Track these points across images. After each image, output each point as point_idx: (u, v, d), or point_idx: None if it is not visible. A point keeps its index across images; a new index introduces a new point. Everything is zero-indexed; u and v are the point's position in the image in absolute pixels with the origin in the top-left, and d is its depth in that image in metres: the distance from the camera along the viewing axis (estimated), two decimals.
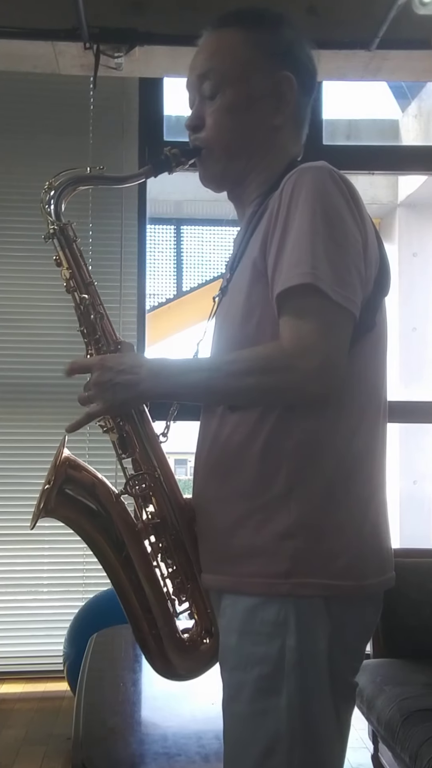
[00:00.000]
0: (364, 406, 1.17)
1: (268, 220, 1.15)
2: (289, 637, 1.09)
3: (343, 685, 1.14)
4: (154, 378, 1.17)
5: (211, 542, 1.22)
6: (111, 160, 3.68)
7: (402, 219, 5.28)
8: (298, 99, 1.27)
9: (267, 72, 1.24)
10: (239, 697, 1.12)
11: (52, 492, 1.29)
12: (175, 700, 1.89)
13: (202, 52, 1.28)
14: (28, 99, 3.75)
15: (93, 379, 1.18)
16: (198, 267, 5.78)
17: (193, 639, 1.34)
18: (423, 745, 1.99)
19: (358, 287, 1.11)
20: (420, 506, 4.95)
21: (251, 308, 1.17)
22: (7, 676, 3.57)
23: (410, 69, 3.52)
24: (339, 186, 1.12)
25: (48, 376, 3.67)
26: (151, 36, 3.29)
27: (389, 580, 1.19)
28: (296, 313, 1.09)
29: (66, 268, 1.33)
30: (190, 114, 1.30)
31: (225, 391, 1.15)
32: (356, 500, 1.15)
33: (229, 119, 1.25)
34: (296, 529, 1.11)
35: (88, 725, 1.78)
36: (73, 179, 1.31)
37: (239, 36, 1.25)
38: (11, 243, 3.74)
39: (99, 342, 1.30)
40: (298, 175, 1.13)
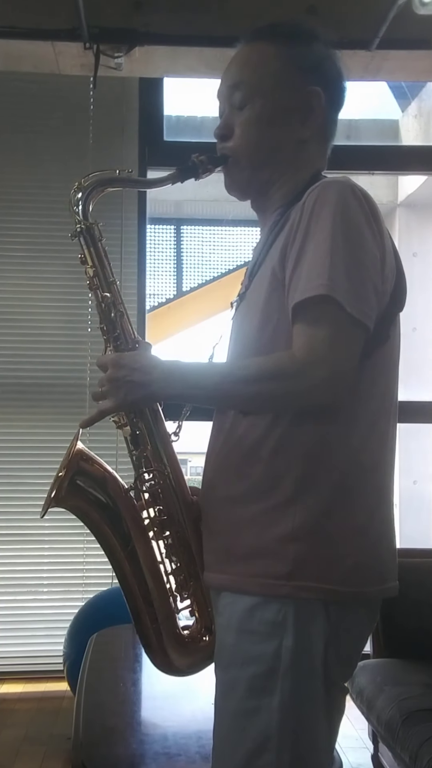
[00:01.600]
0: (375, 416, 1.19)
1: (289, 231, 1.17)
2: (286, 637, 1.10)
3: (336, 689, 1.15)
4: (166, 379, 1.18)
5: (216, 541, 1.23)
6: (111, 160, 3.67)
7: (402, 219, 5.28)
8: (326, 114, 1.29)
9: (297, 86, 1.26)
10: (232, 694, 1.13)
11: (64, 482, 1.32)
12: (175, 700, 1.89)
13: (234, 63, 1.31)
14: (28, 99, 3.75)
15: (107, 375, 1.20)
16: (198, 267, 5.78)
17: (193, 635, 1.37)
18: (423, 745, 1.99)
19: (374, 301, 1.13)
20: (420, 506, 4.94)
21: (268, 316, 1.18)
22: (7, 676, 3.58)
23: (410, 69, 3.52)
24: (360, 202, 1.14)
25: (48, 376, 3.67)
26: (151, 36, 3.28)
27: (390, 589, 1.20)
28: (310, 322, 1.11)
29: (90, 266, 1.36)
30: (219, 123, 1.32)
31: (234, 396, 1.17)
32: (362, 508, 1.16)
33: (256, 130, 1.27)
34: (301, 533, 1.12)
35: (88, 725, 1.78)
36: (103, 181, 1.34)
37: (271, 49, 1.28)
38: (12, 243, 3.74)
39: (118, 339, 1.33)
40: (320, 189, 1.15)
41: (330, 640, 1.12)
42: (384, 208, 5.30)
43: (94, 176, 1.33)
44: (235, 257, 5.72)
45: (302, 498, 1.13)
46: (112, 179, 1.35)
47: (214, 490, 1.24)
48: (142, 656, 2.39)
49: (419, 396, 4.73)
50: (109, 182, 1.35)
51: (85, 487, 1.35)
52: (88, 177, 1.33)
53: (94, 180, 1.33)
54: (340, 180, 1.17)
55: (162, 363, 1.20)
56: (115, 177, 1.35)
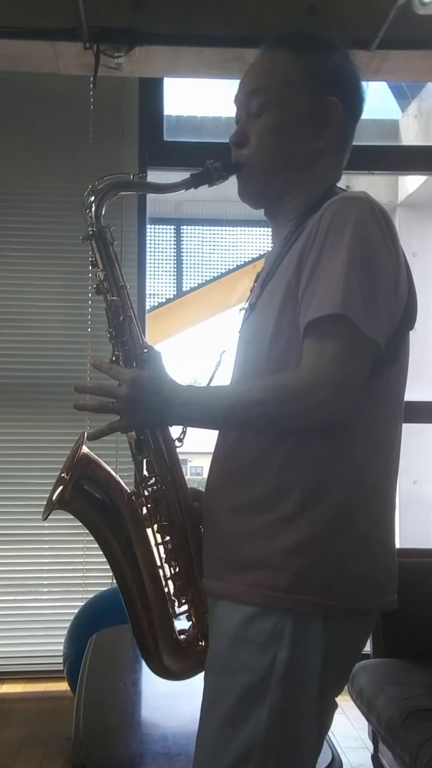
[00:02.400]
0: (382, 433, 1.20)
1: (305, 243, 1.16)
2: (281, 650, 1.10)
3: (328, 704, 1.15)
4: (182, 407, 1.18)
5: (218, 549, 1.22)
6: (111, 160, 3.67)
7: (402, 219, 5.27)
8: (342, 125, 1.28)
9: (314, 96, 1.26)
10: (222, 701, 1.13)
11: (68, 485, 1.32)
12: (175, 700, 1.89)
13: (252, 70, 1.30)
14: (28, 99, 3.75)
15: (124, 394, 1.18)
16: (198, 267, 5.77)
17: (189, 640, 1.37)
18: (423, 745, 1.99)
19: (386, 320, 1.13)
20: (420, 506, 4.94)
21: (281, 329, 1.18)
22: (7, 676, 3.57)
23: (410, 69, 3.51)
24: (378, 220, 1.14)
25: (48, 376, 3.67)
26: (151, 36, 3.28)
27: (389, 603, 1.20)
28: (320, 337, 1.10)
29: (101, 269, 1.35)
30: (235, 130, 1.31)
31: (243, 419, 1.16)
32: (365, 524, 1.16)
33: (272, 139, 1.26)
34: (304, 547, 1.12)
35: (88, 725, 1.78)
36: (116, 185, 1.34)
37: (290, 58, 1.27)
38: (12, 243, 3.73)
39: (126, 345, 1.32)
40: (339, 204, 1.15)
41: (327, 653, 1.12)
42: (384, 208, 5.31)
43: (108, 179, 1.33)
44: (235, 257, 5.72)
45: (308, 512, 1.13)
46: (126, 183, 1.35)
47: (218, 498, 1.24)
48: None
49: (419, 396, 4.73)
50: (123, 186, 1.35)
51: (89, 490, 1.35)
52: (102, 180, 1.33)
53: (108, 183, 1.32)
54: (360, 196, 1.16)
55: (179, 390, 1.19)
56: (129, 181, 1.36)
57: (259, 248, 5.59)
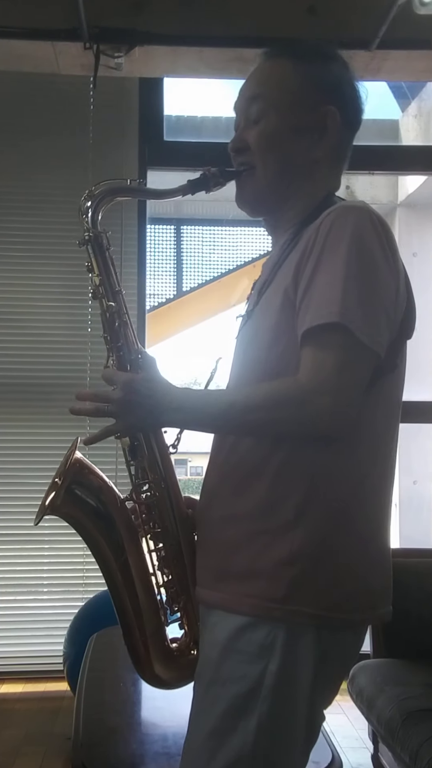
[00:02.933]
0: (378, 444, 1.19)
1: (303, 251, 1.16)
2: (272, 661, 1.10)
3: (316, 715, 1.15)
4: (177, 410, 1.18)
5: (211, 558, 1.22)
6: (111, 160, 3.68)
7: (402, 219, 5.27)
8: (340, 134, 1.28)
9: (313, 104, 1.26)
10: (211, 711, 1.12)
11: (60, 490, 1.31)
12: (175, 700, 1.88)
13: (252, 78, 1.31)
14: (28, 99, 3.75)
15: (118, 397, 1.18)
16: (198, 267, 5.77)
17: (181, 649, 1.36)
18: (423, 745, 1.99)
19: (385, 329, 1.12)
20: (420, 506, 4.94)
21: (278, 336, 1.17)
22: (7, 676, 3.57)
23: (410, 69, 3.51)
24: (377, 230, 1.13)
25: (48, 376, 3.67)
26: (151, 36, 3.28)
27: (383, 615, 1.20)
28: (319, 347, 1.10)
29: (96, 274, 1.35)
30: (234, 136, 1.31)
31: (241, 425, 1.16)
32: (361, 535, 1.16)
33: (271, 145, 1.27)
34: (299, 557, 1.11)
35: (88, 725, 1.78)
36: (113, 190, 1.33)
37: (290, 66, 1.28)
38: (12, 243, 3.74)
39: (121, 350, 1.31)
40: (338, 213, 1.15)
41: (317, 665, 1.11)
42: (384, 208, 5.30)
43: (105, 185, 1.32)
44: (235, 257, 5.72)
45: (303, 522, 1.12)
46: (123, 189, 1.35)
47: (213, 506, 1.23)
48: None
49: (419, 396, 4.73)
50: (120, 191, 1.34)
51: (81, 496, 1.33)
52: (98, 185, 1.32)
53: (105, 189, 1.32)
54: (359, 206, 1.16)
55: (174, 392, 1.19)
56: (126, 186, 1.35)
57: (259, 248, 5.59)
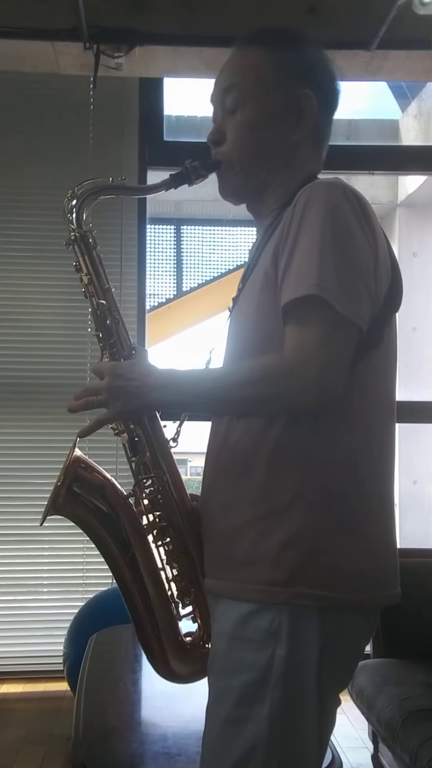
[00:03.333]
0: (372, 420, 1.18)
1: (281, 232, 1.17)
2: (279, 646, 1.10)
3: (329, 699, 1.14)
4: (162, 388, 1.18)
5: (215, 547, 1.23)
6: (111, 161, 3.68)
7: (402, 219, 5.27)
8: (318, 117, 1.29)
9: (287, 89, 1.27)
10: (223, 701, 1.13)
11: (61, 490, 1.32)
12: (175, 700, 1.89)
13: (226, 69, 1.31)
14: (28, 99, 3.75)
15: (104, 384, 1.20)
16: (198, 267, 5.78)
17: (195, 643, 1.36)
18: (423, 745, 1.99)
19: (366, 301, 1.12)
20: (420, 506, 4.95)
21: (261, 318, 1.18)
22: (7, 676, 3.57)
23: (410, 69, 3.51)
24: (351, 203, 1.14)
25: (48, 376, 3.67)
26: (151, 36, 3.28)
27: (391, 596, 1.19)
28: (300, 322, 1.10)
29: (85, 273, 1.35)
30: (212, 128, 1.32)
31: (228, 401, 1.16)
32: (362, 514, 1.15)
33: (248, 134, 1.28)
34: (298, 539, 1.12)
35: (88, 725, 1.78)
36: (96, 189, 1.34)
37: (262, 54, 1.28)
38: (12, 243, 3.74)
39: (114, 346, 1.32)
40: (311, 191, 1.15)
41: (324, 647, 1.11)
42: (384, 208, 5.31)
43: (87, 184, 1.33)
44: (235, 257, 5.72)
45: (300, 505, 1.12)
46: (105, 187, 1.35)
47: (212, 495, 1.24)
48: (142, 656, 2.38)
49: (419, 396, 4.73)
50: (103, 190, 1.35)
51: (83, 494, 1.34)
52: (81, 185, 1.33)
53: (87, 188, 1.33)
54: (331, 181, 1.17)
55: (158, 371, 1.20)
56: (108, 185, 1.35)
57: None
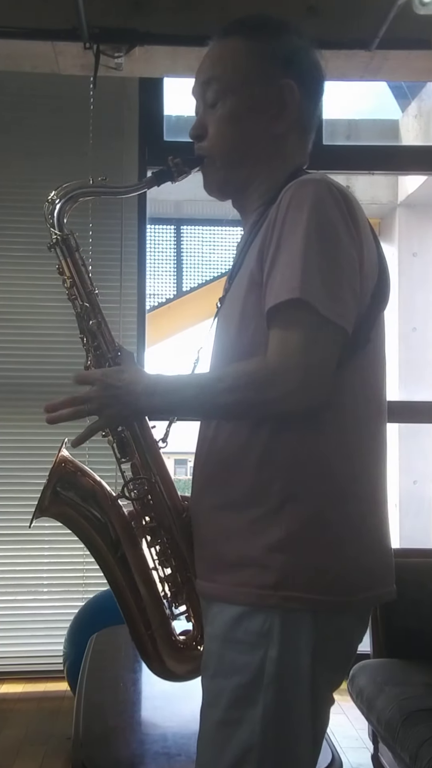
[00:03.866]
0: (362, 421, 1.17)
1: (266, 231, 1.15)
2: (271, 648, 1.09)
3: (321, 700, 1.14)
4: (150, 396, 1.18)
5: (205, 549, 1.22)
6: (111, 161, 3.68)
7: (402, 219, 5.28)
8: (301, 106, 1.26)
9: (269, 80, 1.24)
10: (216, 703, 1.12)
11: (47, 491, 1.32)
12: (175, 700, 1.89)
13: (205, 61, 1.30)
14: (28, 99, 3.75)
15: (93, 392, 1.19)
16: (198, 267, 5.78)
17: (189, 642, 1.36)
18: (423, 745, 1.99)
19: (351, 302, 1.10)
20: (420, 506, 4.94)
21: (247, 319, 1.16)
22: (7, 676, 3.57)
23: (410, 69, 3.51)
24: (337, 201, 1.11)
25: (48, 376, 3.66)
26: (151, 36, 3.28)
27: (383, 595, 1.18)
28: (283, 327, 1.09)
29: (68, 276, 1.34)
30: (194, 123, 1.30)
31: (214, 407, 1.16)
32: (352, 516, 1.14)
33: (230, 128, 1.25)
34: (288, 542, 1.11)
35: (88, 725, 1.78)
36: (76, 190, 1.32)
37: (241, 44, 1.26)
38: (12, 243, 3.74)
39: (99, 349, 1.32)
40: (295, 188, 1.13)
41: (316, 649, 1.10)
42: (384, 208, 5.31)
43: (67, 186, 1.32)
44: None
45: (290, 506, 1.11)
46: (85, 188, 1.33)
47: (202, 498, 1.23)
48: None
49: (419, 396, 4.73)
50: (83, 192, 1.33)
51: (69, 495, 1.34)
52: (60, 188, 1.32)
53: (66, 190, 1.32)
54: (316, 178, 1.14)
55: (145, 378, 1.19)
56: (88, 186, 1.34)
57: None
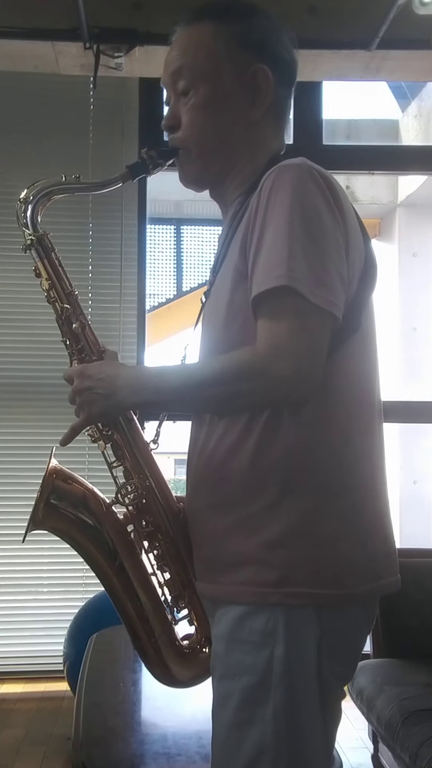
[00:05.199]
0: (356, 409, 1.15)
1: (247, 222, 1.12)
2: (277, 647, 1.08)
3: (331, 695, 1.13)
4: (132, 386, 1.15)
5: (203, 550, 1.20)
6: (111, 160, 3.67)
7: (402, 219, 5.28)
8: (276, 92, 1.23)
9: (241, 65, 1.20)
10: (226, 705, 1.11)
11: (39, 504, 1.29)
12: (175, 700, 1.89)
13: (174, 49, 1.25)
14: (28, 99, 3.74)
15: (73, 387, 1.18)
16: (198, 267, 5.79)
17: (193, 646, 1.33)
18: (423, 745, 1.99)
19: (339, 287, 1.07)
20: (420, 506, 4.95)
21: (234, 312, 1.14)
22: (7, 676, 3.57)
23: (410, 69, 3.52)
24: (318, 184, 1.09)
25: (48, 376, 3.66)
26: (151, 36, 3.28)
27: (388, 585, 1.17)
28: (271, 316, 1.06)
29: (45, 278, 1.31)
30: (166, 114, 1.27)
31: (201, 399, 1.13)
32: (350, 506, 1.12)
33: (203, 117, 1.22)
34: (286, 538, 1.09)
35: (88, 725, 1.78)
36: (48, 188, 1.29)
37: (210, 30, 1.21)
38: (13, 243, 3.73)
39: (82, 351, 1.29)
40: (276, 174, 1.10)
41: (323, 644, 1.09)
42: (384, 208, 5.32)
43: (39, 184, 1.29)
44: None
45: (286, 501, 1.09)
46: (57, 186, 1.30)
47: (198, 498, 1.21)
48: None
49: (419, 396, 4.73)
50: (55, 189, 1.30)
51: (62, 506, 1.31)
52: (32, 186, 1.29)
53: (38, 189, 1.29)
54: (297, 162, 1.11)
55: (126, 370, 1.17)
56: (61, 183, 1.30)
57: None
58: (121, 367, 1.19)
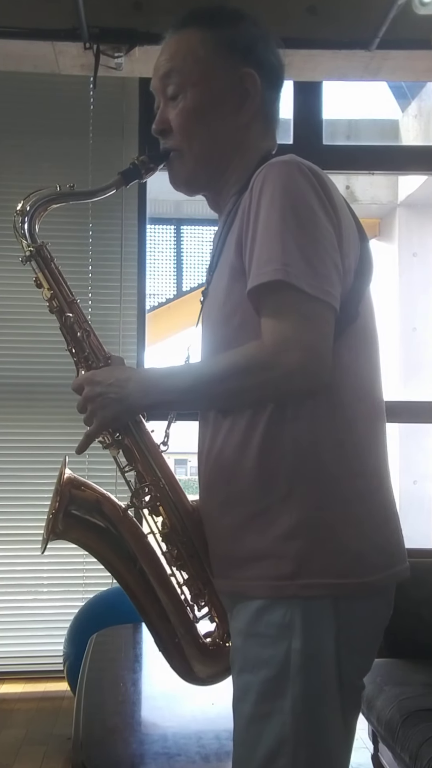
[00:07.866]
0: (357, 399, 1.16)
1: (241, 220, 1.14)
2: (294, 639, 1.09)
3: (350, 686, 1.13)
4: (141, 390, 1.17)
5: (218, 547, 1.22)
6: (111, 161, 3.67)
7: (402, 219, 5.28)
8: (263, 95, 1.25)
9: (228, 70, 1.23)
10: (245, 698, 1.12)
11: (59, 514, 1.29)
12: (175, 700, 1.89)
13: (163, 54, 1.27)
14: (28, 99, 3.75)
15: (84, 394, 1.19)
16: (198, 267, 5.79)
17: (216, 643, 1.34)
18: (423, 745, 1.99)
19: (335, 278, 1.09)
20: (420, 506, 4.95)
21: (232, 310, 1.16)
22: (7, 676, 3.58)
23: (410, 69, 3.52)
24: (308, 178, 1.10)
25: (48, 376, 3.67)
26: (151, 36, 3.28)
27: (401, 572, 1.18)
28: (274, 312, 1.08)
29: (47, 288, 1.32)
30: (156, 118, 1.28)
31: (211, 396, 1.15)
32: (359, 496, 1.14)
33: (193, 120, 1.24)
34: (299, 529, 1.10)
35: (88, 725, 1.78)
36: (44, 199, 1.31)
37: (198, 35, 1.24)
38: (13, 243, 3.72)
39: (88, 359, 1.30)
40: (266, 171, 1.12)
41: (340, 635, 1.10)
42: (384, 208, 5.32)
43: (35, 195, 1.30)
44: None
45: (296, 494, 1.11)
46: (53, 196, 1.32)
47: (210, 496, 1.22)
48: (142, 656, 2.39)
49: (419, 396, 4.73)
50: (51, 199, 1.32)
51: (81, 515, 1.32)
52: (28, 198, 1.30)
53: (35, 200, 1.30)
54: (285, 159, 1.13)
55: (135, 373, 1.19)
56: (56, 193, 1.32)
57: None
58: (130, 370, 1.21)
